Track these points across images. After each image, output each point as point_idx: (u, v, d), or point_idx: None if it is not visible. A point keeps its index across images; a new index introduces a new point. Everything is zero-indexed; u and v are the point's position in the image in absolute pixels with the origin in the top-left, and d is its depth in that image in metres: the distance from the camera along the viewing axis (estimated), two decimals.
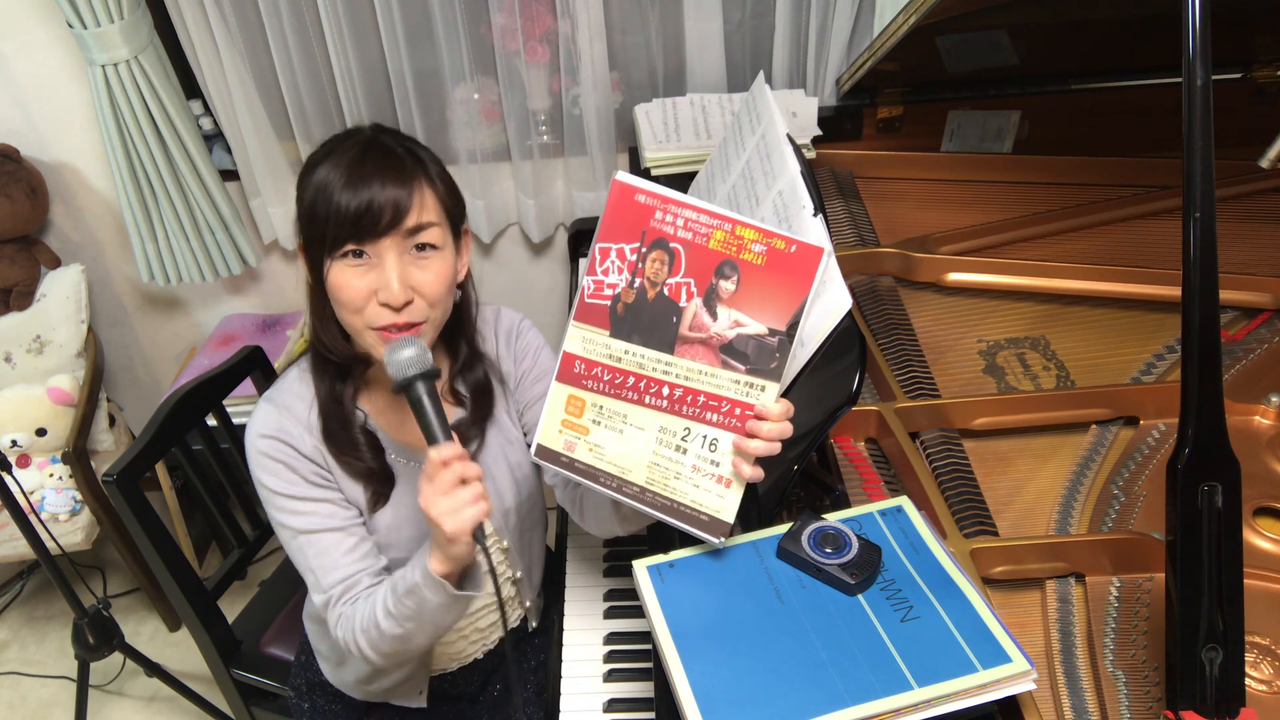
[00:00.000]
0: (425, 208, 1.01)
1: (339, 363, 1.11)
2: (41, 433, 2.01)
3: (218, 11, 1.87)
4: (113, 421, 2.16)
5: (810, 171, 1.13)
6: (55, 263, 2.14)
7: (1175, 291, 0.85)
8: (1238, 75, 1.69)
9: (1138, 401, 1.20)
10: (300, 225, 1.03)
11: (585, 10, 1.83)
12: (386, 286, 0.99)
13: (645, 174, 1.68)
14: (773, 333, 0.86)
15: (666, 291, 0.88)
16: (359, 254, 1.00)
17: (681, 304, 0.88)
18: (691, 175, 1.47)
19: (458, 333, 1.16)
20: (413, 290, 1.01)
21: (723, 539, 0.92)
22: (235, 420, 1.60)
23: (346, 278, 1.00)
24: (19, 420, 1.99)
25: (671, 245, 0.88)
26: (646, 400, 0.91)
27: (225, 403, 1.56)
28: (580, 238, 1.92)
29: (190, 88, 2.02)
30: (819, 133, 1.71)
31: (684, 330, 0.89)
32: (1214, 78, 0.78)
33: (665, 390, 0.90)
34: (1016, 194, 1.64)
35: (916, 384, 1.25)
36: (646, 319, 0.90)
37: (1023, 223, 1.54)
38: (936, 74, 1.73)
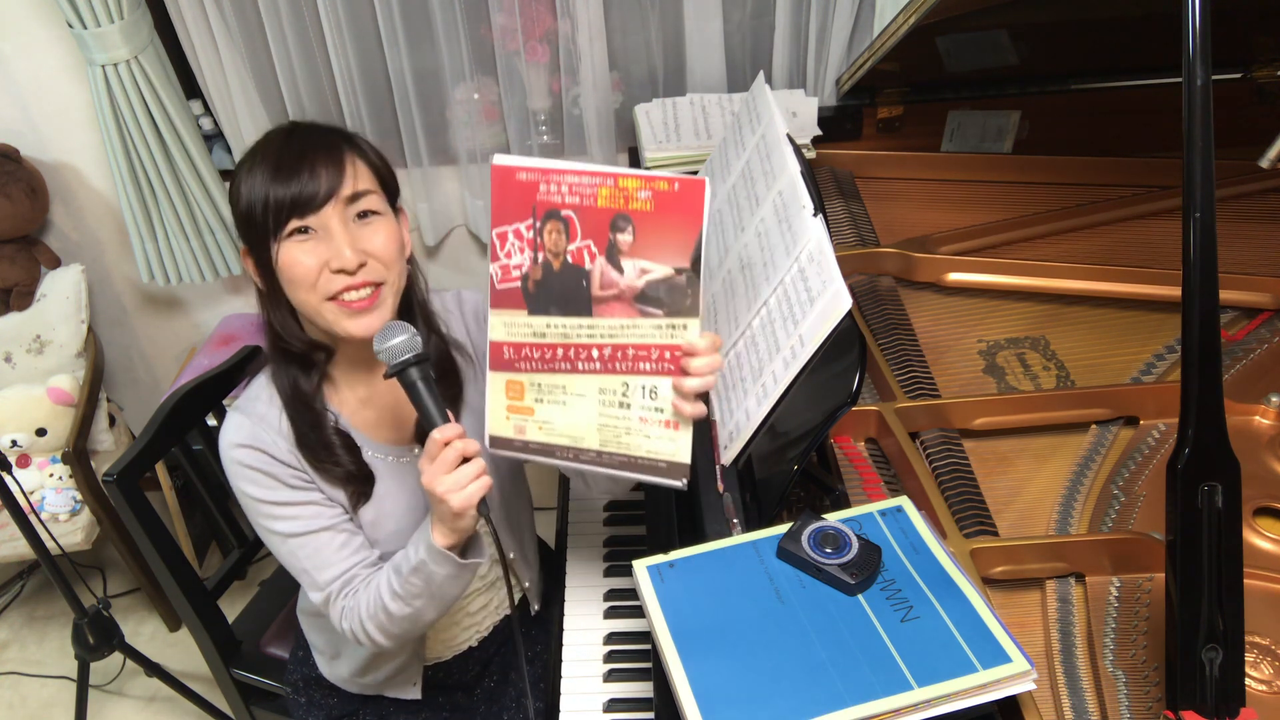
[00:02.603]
0: (359, 176, 1.02)
1: (302, 359, 1.11)
2: (41, 433, 2.01)
3: (218, 11, 1.87)
4: (113, 421, 2.16)
5: (810, 171, 1.13)
6: (55, 263, 2.14)
7: (1175, 291, 0.85)
8: (1238, 75, 1.69)
9: (1138, 401, 1.20)
10: (240, 227, 1.04)
11: (585, 10, 1.83)
12: (338, 254, 1.00)
13: None
14: (679, 271, 0.87)
15: (570, 259, 0.90)
16: (304, 230, 1.00)
17: (587, 267, 0.90)
18: (692, 175, 1.47)
19: (411, 311, 1.16)
20: (365, 254, 1.02)
21: (684, 481, 0.93)
22: None
23: (295, 255, 1.00)
24: (19, 420, 1.99)
25: (563, 213, 0.89)
26: (580, 367, 0.93)
27: (225, 402, 1.56)
28: None
29: (190, 88, 2.02)
30: (819, 133, 1.70)
31: (596, 291, 0.90)
32: (1214, 78, 0.78)
33: (594, 353, 0.92)
34: (1016, 194, 1.63)
35: (916, 384, 1.25)
36: (559, 290, 0.91)
37: (1023, 223, 1.54)
38: (936, 74, 1.73)
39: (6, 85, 2.00)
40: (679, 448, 0.92)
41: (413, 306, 1.14)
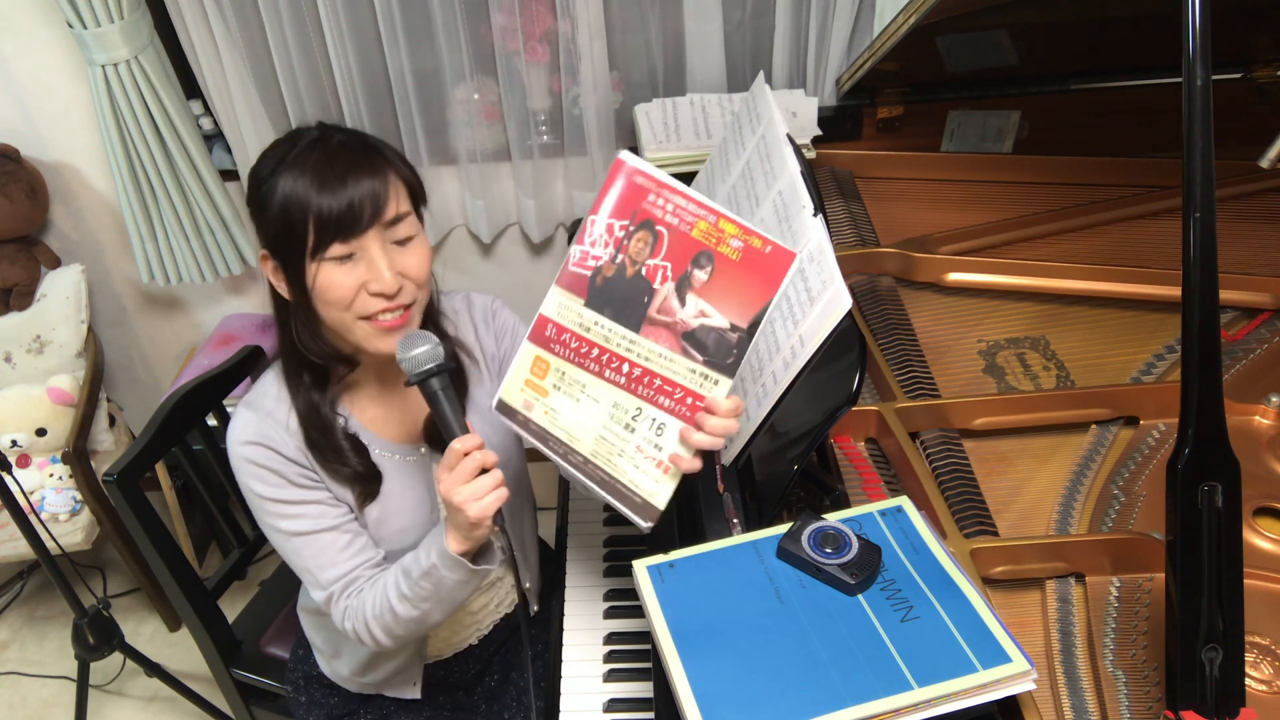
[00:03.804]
0: (399, 197, 1.02)
1: (317, 368, 1.10)
2: (41, 433, 2.01)
3: (218, 11, 1.87)
4: (113, 421, 2.16)
5: (810, 171, 1.13)
6: (55, 263, 2.14)
7: (1175, 291, 0.85)
8: (1238, 75, 1.69)
9: (1138, 401, 1.20)
10: (269, 237, 1.02)
11: (585, 10, 1.83)
12: (378, 277, 1.00)
13: None
14: (734, 328, 0.87)
15: (644, 271, 0.90)
16: (346, 254, 1.00)
17: (655, 286, 0.90)
18: (692, 175, 1.47)
19: (427, 315, 1.15)
20: (402, 276, 1.02)
21: (650, 524, 0.93)
22: None
23: (335, 277, 1.00)
24: (19, 420, 1.99)
25: (657, 228, 0.90)
26: (606, 374, 0.93)
27: (225, 403, 1.56)
28: None
29: (190, 88, 2.02)
30: (819, 133, 1.70)
31: (652, 312, 0.90)
32: (1214, 78, 0.78)
33: (625, 367, 0.92)
34: (1016, 194, 1.63)
35: (916, 384, 1.25)
36: (620, 294, 0.92)
37: (1023, 223, 1.54)
38: (936, 74, 1.73)
39: (6, 85, 2.00)
40: (660, 490, 0.91)
41: (429, 311, 1.15)
